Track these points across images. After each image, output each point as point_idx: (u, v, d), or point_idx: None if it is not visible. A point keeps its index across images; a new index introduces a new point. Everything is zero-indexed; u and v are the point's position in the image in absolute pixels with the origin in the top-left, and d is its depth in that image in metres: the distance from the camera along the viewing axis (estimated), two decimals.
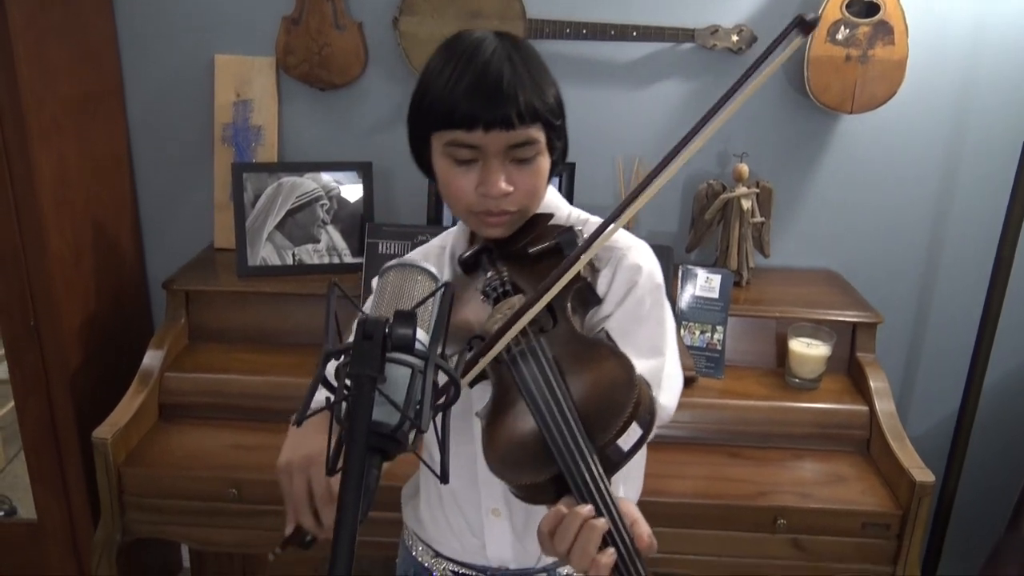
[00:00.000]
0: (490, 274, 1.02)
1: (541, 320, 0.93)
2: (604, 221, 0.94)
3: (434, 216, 2.02)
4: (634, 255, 1.04)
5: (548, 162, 1.02)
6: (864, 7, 1.85)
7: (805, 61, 1.88)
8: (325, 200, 2.00)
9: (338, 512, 0.60)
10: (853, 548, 1.63)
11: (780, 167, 2.06)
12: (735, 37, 1.93)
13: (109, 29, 2.02)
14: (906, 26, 1.85)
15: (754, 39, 1.94)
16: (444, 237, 1.18)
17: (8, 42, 1.65)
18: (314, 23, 1.96)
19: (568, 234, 0.99)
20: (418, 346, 0.68)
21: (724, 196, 1.97)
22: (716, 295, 1.84)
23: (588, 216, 1.11)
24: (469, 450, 1.07)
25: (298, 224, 2.00)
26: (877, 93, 1.88)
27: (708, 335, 1.85)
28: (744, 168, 1.96)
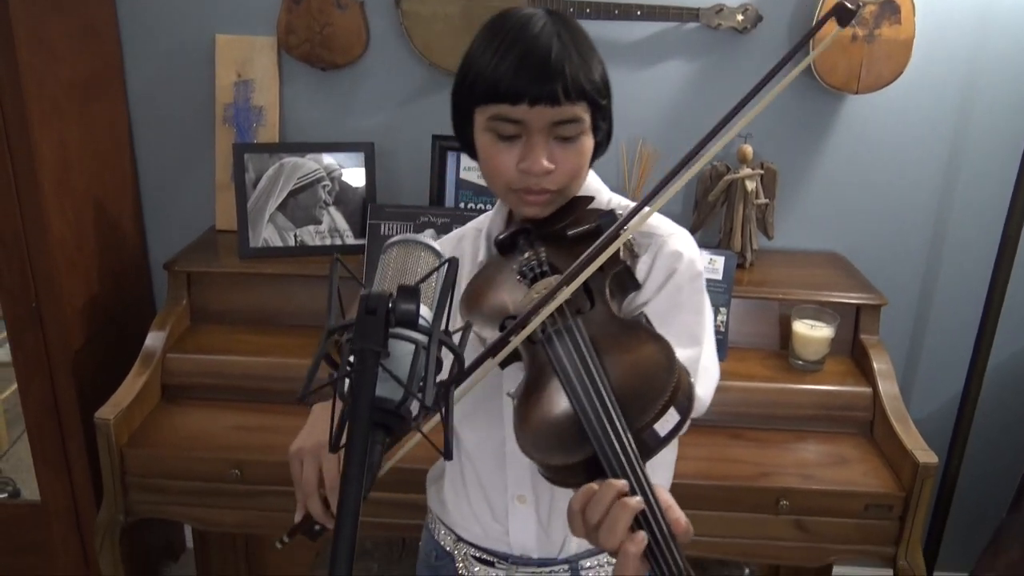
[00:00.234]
0: (527, 254, 1.00)
1: (578, 301, 0.91)
2: (642, 200, 0.92)
3: (436, 197, 2.01)
4: (675, 242, 1.02)
5: (591, 143, 1.01)
6: None
7: (811, 41, 1.86)
8: (327, 181, 1.99)
9: (341, 487, 0.59)
10: (855, 529, 1.63)
11: (785, 148, 2.05)
12: (740, 16, 1.91)
13: (109, 10, 2.01)
14: (913, 5, 1.83)
15: (759, 18, 1.92)
16: (480, 219, 1.16)
17: (8, 24, 1.64)
18: (315, 2, 1.95)
19: (609, 218, 0.97)
20: (421, 322, 0.67)
21: (728, 177, 1.96)
22: (720, 277, 1.84)
23: (629, 202, 1.09)
24: (498, 434, 1.07)
25: (300, 205, 1.99)
26: (883, 73, 1.87)
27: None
28: (748, 149, 1.95)
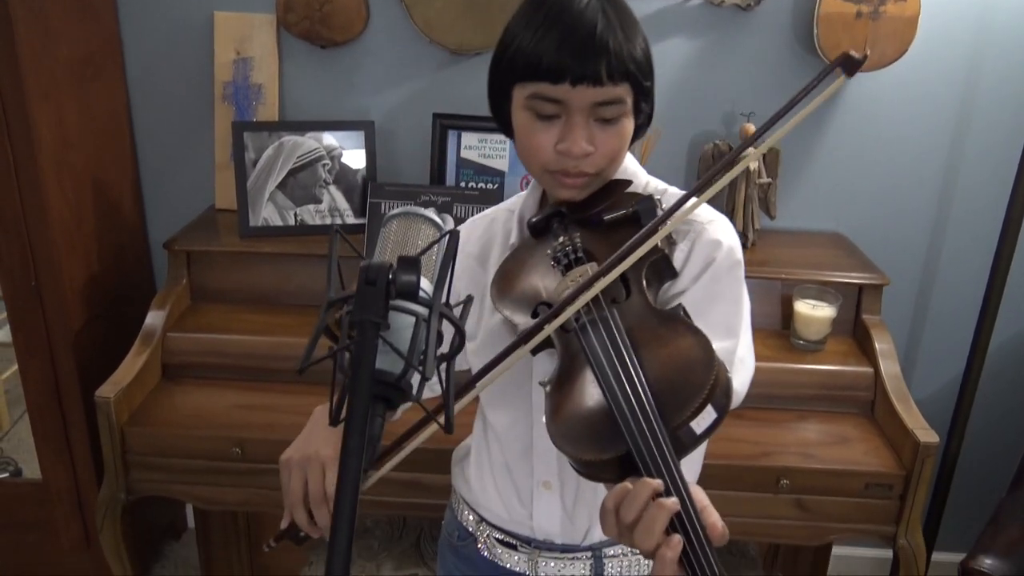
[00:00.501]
0: (561, 239, 0.97)
1: (613, 290, 0.89)
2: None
3: (437, 176, 2.00)
4: (714, 230, 0.99)
5: (632, 125, 0.98)
6: None
7: (815, 18, 1.84)
8: (327, 160, 1.98)
9: (341, 460, 0.59)
10: (855, 508, 1.63)
11: None
12: None
13: None
14: None
15: None
16: (513, 200, 1.14)
17: (5, 2, 1.62)
18: None
19: (647, 203, 0.94)
20: (422, 294, 0.67)
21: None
22: None
23: (667, 186, 1.06)
24: (526, 419, 1.06)
25: (299, 184, 1.98)
26: (887, 51, 1.85)
27: None
28: (751, 128, 1.94)
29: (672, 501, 0.74)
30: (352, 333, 0.63)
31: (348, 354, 0.64)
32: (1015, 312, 2.12)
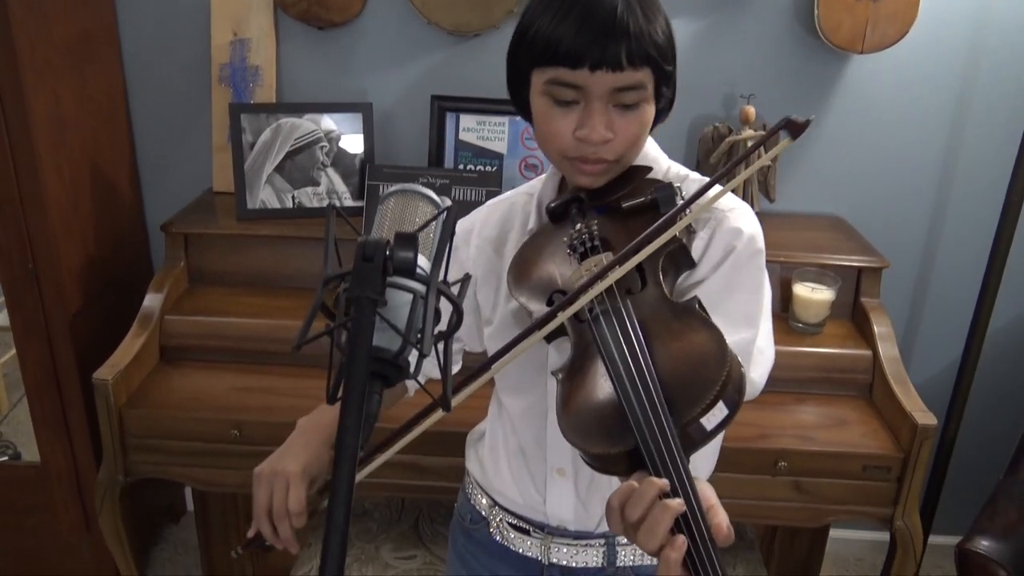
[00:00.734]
0: (579, 226, 0.96)
1: (628, 280, 0.88)
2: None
3: (435, 158, 1.99)
4: (735, 218, 0.97)
5: (653, 111, 0.96)
6: None
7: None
8: (325, 142, 1.97)
9: (339, 436, 0.59)
10: (853, 490, 1.63)
11: (788, 109, 2.00)
12: None
13: None
14: None
15: None
16: (532, 184, 1.13)
17: None
18: None
19: (666, 190, 0.93)
20: (419, 271, 0.66)
21: (730, 139, 1.94)
22: None
23: (688, 172, 1.05)
24: (541, 406, 1.05)
25: (297, 166, 1.97)
26: (889, 32, 1.84)
27: None
28: (751, 110, 1.93)
29: (678, 502, 0.73)
30: (349, 310, 0.62)
31: (345, 332, 0.64)
32: (1014, 296, 2.12)
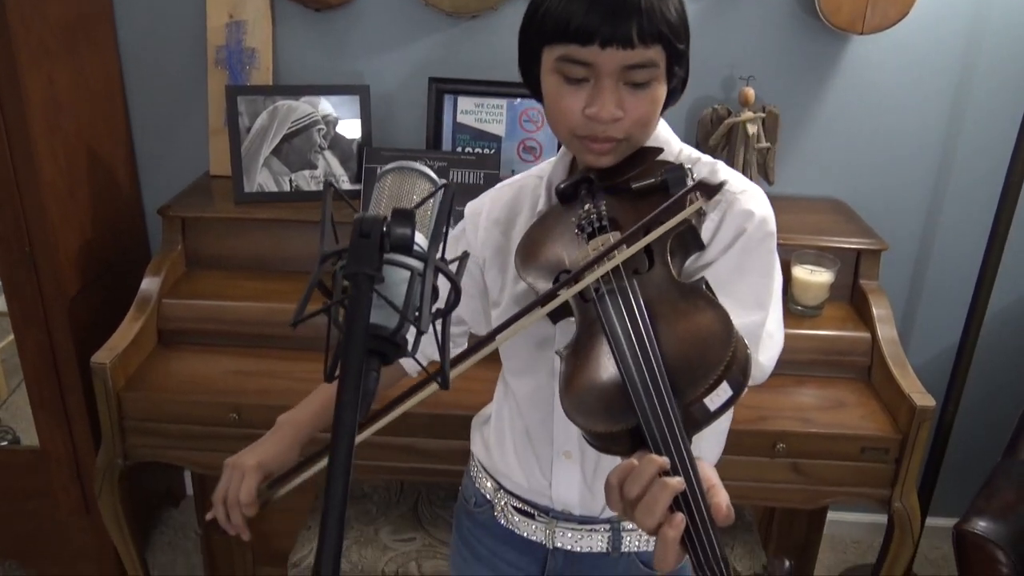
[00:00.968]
0: (587, 206, 0.95)
1: (636, 261, 0.88)
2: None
3: (433, 141, 1.98)
4: (746, 200, 0.96)
5: (664, 90, 0.94)
6: None
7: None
8: (322, 125, 1.96)
9: (336, 413, 0.58)
10: (851, 472, 1.64)
11: (787, 91, 2.01)
12: None
13: None
14: None
15: None
16: (543, 166, 1.12)
17: None
18: None
19: (677, 172, 0.91)
20: (417, 248, 0.66)
21: (729, 121, 1.93)
22: None
23: (700, 155, 1.03)
24: (548, 388, 1.04)
25: (294, 150, 1.96)
26: (889, 13, 1.83)
27: None
28: (750, 92, 1.92)
29: (677, 481, 0.73)
30: (346, 288, 0.62)
31: (342, 309, 0.63)
32: (1012, 278, 2.12)
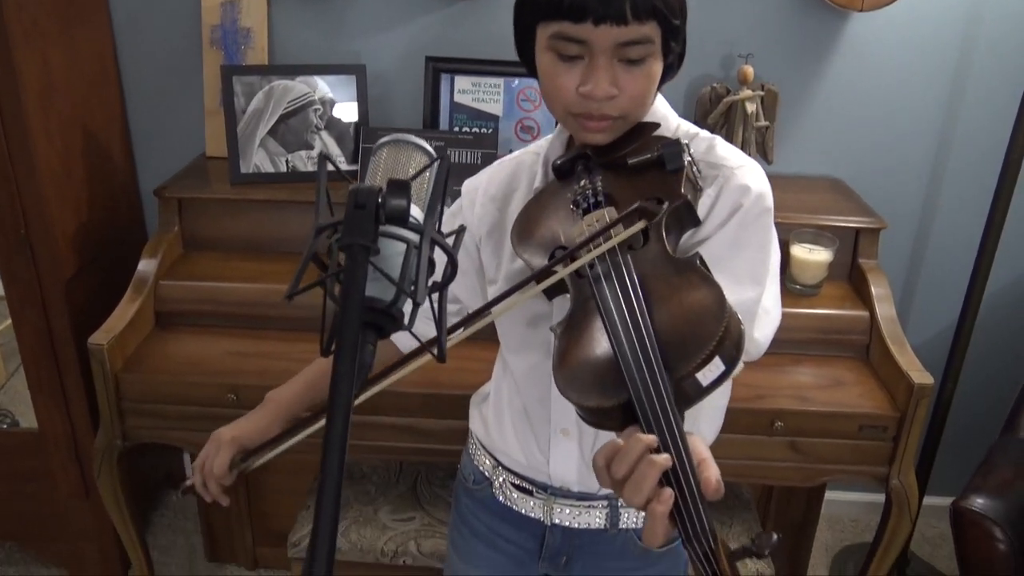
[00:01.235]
0: (583, 182, 0.95)
1: (631, 237, 0.87)
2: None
3: (430, 120, 1.97)
4: (743, 175, 0.95)
5: (660, 66, 0.93)
6: None
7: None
8: (318, 105, 1.95)
9: (332, 383, 0.58)
10: (849, 450, 1.64)
11: (786, 69, 2.00)
12: None
13: None
14: None
15: None
16: (540, 143, 1.11)
17: None
18: None
19: (673, 147, 0.90)
20: (412, 221, 0.65)
21: (728, 99, 1.92)
22: None
23: (698, 131, 1.02)
24: (545, 365, 1.03)
25: (291, 130, 1.95)
26: None
27: None
28: (749, 70, 1.91)
29: (664, 458, 0.73)
30: (342, 259, 0.61)
31: (338, 283, 0.63)
32: (1011, 257, 2.11)
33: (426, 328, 1.16)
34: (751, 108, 1.92)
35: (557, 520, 1.14)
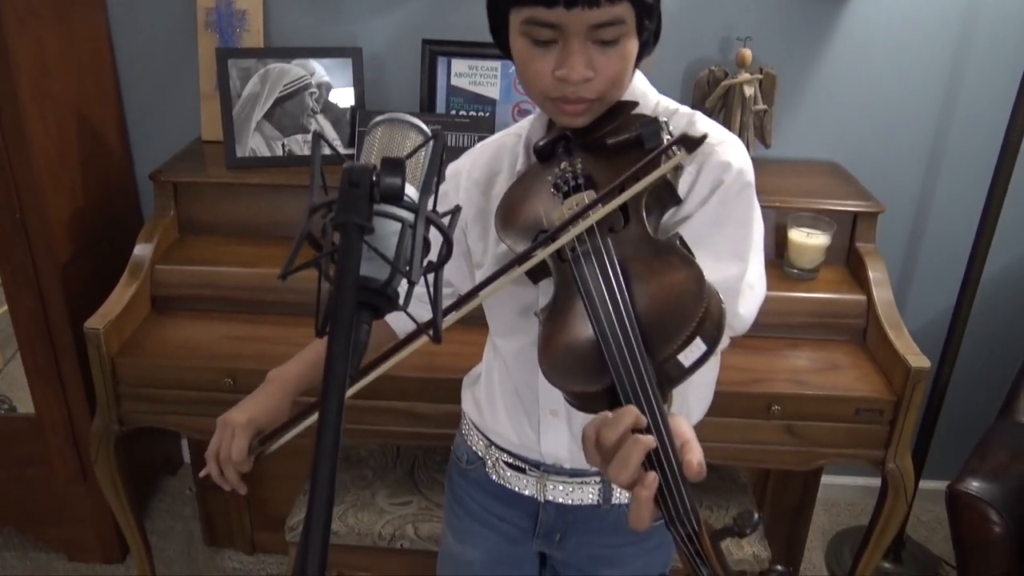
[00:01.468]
0: (563, 165, 0.95)
1: (611, 219, 0.87)
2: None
3: (427, 104, 1.96)
4: (723, 151, 0.94)
5: (636, 45, 0.92)
6: None
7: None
8: (314, 88, 1.94)
9: (327, 364, 0.57)
10: (846, 433, 1.64)
11: (785, 52, 1.99)
12: None
13: None
14: None
15: None
16: (521, 124, 1.11)
17: None
18: None
19: (652, 125, 0.90)
20: (407, 200, 0.65)
21: (726, 83, 1.91)
22: None
23: (678, 107, 1.02)
24: (532, 349, 1.02)
25: (287, 113, 1.94)
26: None
27: None
28: (747, 53, 1.90)
29: (648, 438, 0.73)
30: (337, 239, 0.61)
31: (333, 263, 0.62)
32: (1009, 241, 2.11)
33: (419, 310, 1.16)
34: (749, 92, 1.91)
35: (550, 497, 1.14)
